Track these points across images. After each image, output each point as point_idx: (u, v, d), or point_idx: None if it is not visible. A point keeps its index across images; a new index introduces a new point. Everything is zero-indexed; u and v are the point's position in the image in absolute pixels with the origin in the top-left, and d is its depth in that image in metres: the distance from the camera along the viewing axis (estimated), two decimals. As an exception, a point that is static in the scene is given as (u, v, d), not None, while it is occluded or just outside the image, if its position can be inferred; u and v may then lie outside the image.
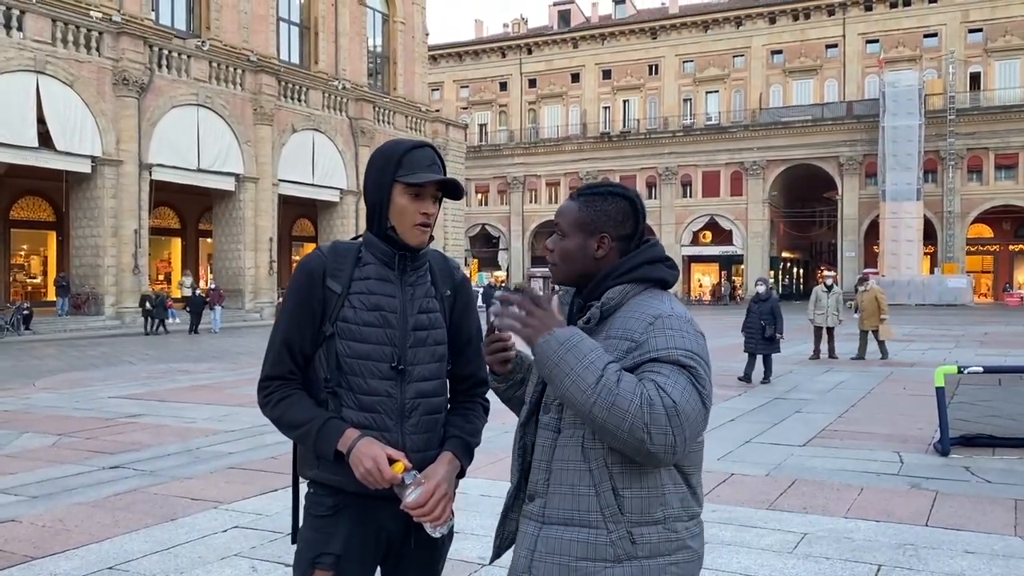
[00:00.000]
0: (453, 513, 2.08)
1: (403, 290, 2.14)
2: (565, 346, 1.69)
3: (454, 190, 2.17)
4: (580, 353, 1.68)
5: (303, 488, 2.22)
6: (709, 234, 55.49)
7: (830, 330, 16.47)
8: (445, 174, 2.15)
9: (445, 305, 2.21)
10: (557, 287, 2.01)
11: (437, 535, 2.04)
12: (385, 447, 2.02)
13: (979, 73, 49.31)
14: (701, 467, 1.90)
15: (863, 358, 16.14)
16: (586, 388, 1.65)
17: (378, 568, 2.20)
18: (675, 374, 1.68)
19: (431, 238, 2.19)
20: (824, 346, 16.53)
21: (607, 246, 1.88)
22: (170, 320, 28.61)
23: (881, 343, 16.34)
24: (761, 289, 13.52)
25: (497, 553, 2.03)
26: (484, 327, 2.06)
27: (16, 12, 23.91)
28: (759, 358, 13.12)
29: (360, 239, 2.19)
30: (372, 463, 1.97)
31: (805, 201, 56.49)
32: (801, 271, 62.79)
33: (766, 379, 12.84)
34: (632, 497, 1.76)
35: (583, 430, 1.78)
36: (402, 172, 2.10)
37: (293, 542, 2.19)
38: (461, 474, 2.16)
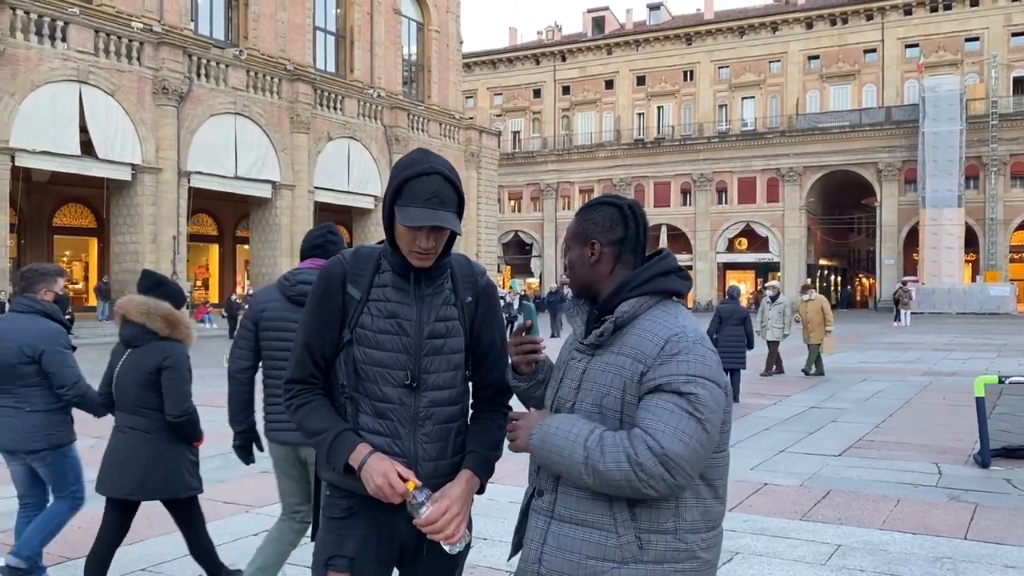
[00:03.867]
0: (471, 527, 2.08)
1: (419, 299, 2.11)
2: (547, 441, 1.83)
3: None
4: (561, 447, 1.81)
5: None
6: (745, 241, 54.90)
7: (774, 343, 14.92)
8: (458, 201, 2.05)
9: (466, 312, 2.18)
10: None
11: (451, 551, 2.05)
12: (396, 463, 2.01)
13: (1023, 77, 48.35)
14: (727, 475, 1.93)
15: (822, 373, 14.80)
16: (578, 476, 1.79)
17: (396, 571, 2.21)
18: (668, 411, 1.74)
19: (448, 253, 2.14)
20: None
21: (598, 252, 1.95)
22: (207, 326, 29.02)
23: (819, 357, 14.90)
24: None
25: (514, 551, 2.04)
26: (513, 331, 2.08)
27: (60, 24, 24.46)
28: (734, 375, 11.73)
29: (383, 243, 2.18)
30: (383, 479, 1.98)
31: (843, 208, 55.64)
32: (839, 279, 61.91)
33: None
34: (644, 508, 1.80)
35: None
36: (400, 202, 2.03)
37: (312, 539, 2.22)
38: (481, 489, 2.15)
